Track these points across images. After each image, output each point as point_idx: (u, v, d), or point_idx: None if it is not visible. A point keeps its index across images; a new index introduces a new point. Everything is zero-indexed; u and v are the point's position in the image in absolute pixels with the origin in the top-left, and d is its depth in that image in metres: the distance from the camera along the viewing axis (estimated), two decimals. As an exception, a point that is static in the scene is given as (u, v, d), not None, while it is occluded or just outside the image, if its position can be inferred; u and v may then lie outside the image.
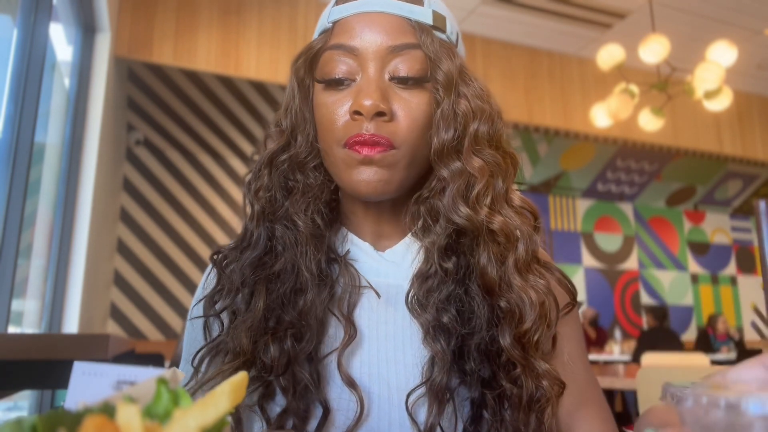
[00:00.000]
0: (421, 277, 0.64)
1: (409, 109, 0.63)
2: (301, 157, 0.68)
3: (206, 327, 0.66)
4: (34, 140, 2.07)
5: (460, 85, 0.66)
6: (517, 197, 0.67)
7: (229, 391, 0.27)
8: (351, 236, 0.69)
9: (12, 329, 2.16)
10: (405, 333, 0.64)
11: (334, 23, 0.67)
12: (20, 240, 1.99)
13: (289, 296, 0.63)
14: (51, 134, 2.69)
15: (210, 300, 0.66)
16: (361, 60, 0.64)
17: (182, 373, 0.34)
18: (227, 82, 4.48)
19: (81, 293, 2.92)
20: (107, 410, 0.26)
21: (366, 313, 0.65)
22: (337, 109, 0.64)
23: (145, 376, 0.32)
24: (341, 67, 0.64)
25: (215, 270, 0.68)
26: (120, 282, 4.75)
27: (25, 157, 2.02)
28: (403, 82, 0.63)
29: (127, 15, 3.81)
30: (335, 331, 0.63)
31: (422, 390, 0.59)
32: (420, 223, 0.67)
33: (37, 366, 1.05)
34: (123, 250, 4.81)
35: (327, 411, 0.59)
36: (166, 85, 4.55)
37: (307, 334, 0.61)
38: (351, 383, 0.59)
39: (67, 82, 2.94)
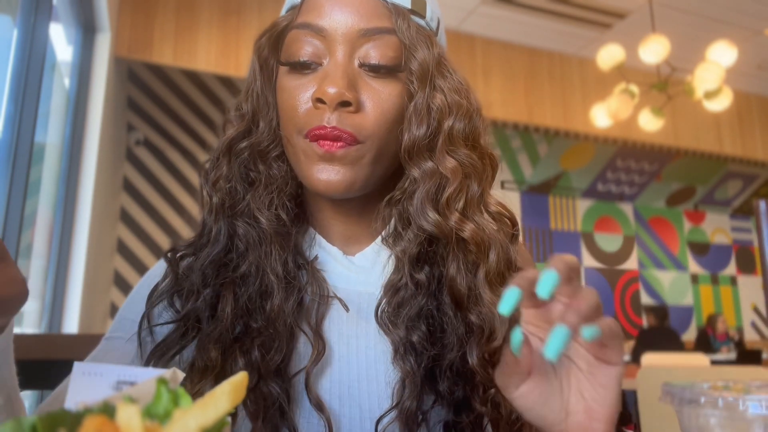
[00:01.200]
0: (391, 289, 0.59)
1: (378, 99, 0.57)
2: (263, 145, 0.61)
3: (145, 329, 0.58)
4: (34, 140, 2.07)
5: (437, 77, 0.60)
6: (493, 202, 0.61)
7: (230, 391, 0.27)
8: (319, 239, 0.64)
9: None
10: (377, 348, 0.59)
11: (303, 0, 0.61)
12: (20, 240, 1.99)
13: (255, 301, 0.57)
14: (51, 134, 2.69)
15: (170, 299, 0.59)
16: (329, 42, 0.57)
17: (182, 373, 0.34)
18: (227, 82, 4.48)
19: (81, 293, 2.92)
20: (107, 410, 0.26)
21: (335, 326, 0.60)
22: (299, 95, 0.58)
23: (145, 376, 0.32)
24: (307, 48, 0.58)
25: (168, 270, 0.60)
26: (120, 282, 4.75)
27: (25, 157, 2.02)
28: (374, 70, 0.57)
29: (127, 15, 3.81)
30: (303, 347, 0.58)
31: (393, 414, 0.55)
32: (390, 228, 0.62)
33: (37, 366, 1.04)
34: (123, 250, 4.81)
35: None
36: (166, 86, 4.55)
37: (276, 343, 0.55)
38: (319, 406, 0.55)
39: (67, 82, 2.94)
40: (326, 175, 0.56)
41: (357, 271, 0.63)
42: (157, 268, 0.66)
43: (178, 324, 0.58)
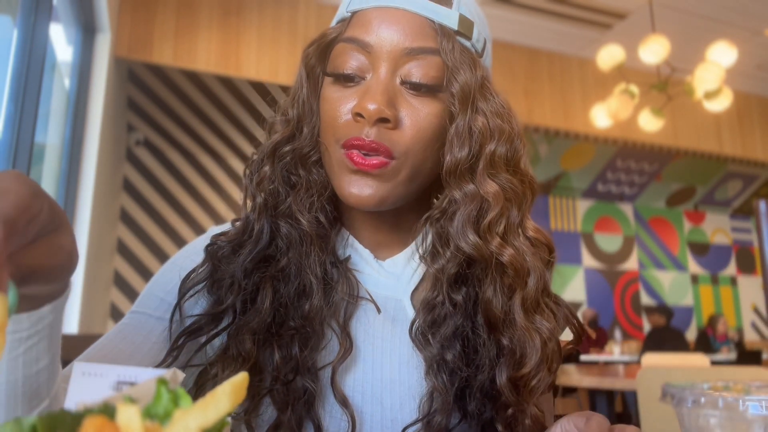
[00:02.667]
0: (427, 307, 0.60)
1: (416, 118, 0.58)
2: (305, 150, 0.63)
3: (180, 309, 0.59)
4: (34, 140, 2.07)
5: (479, 100, 0.60)
6: (531, 227, 0.62)
7: (230, 392, 0.27)
8: (352, 240, 0.66)
9: (12, 329, 2.16)
10: (402, 351, 0.61)
11: (353, 13, 0.62)
12: (20, 240, 1.99)
13: (293, 299, 0.59)
14: (51, 134, 2.69)
15: (209, 287, 0.60)
16: (373, 58, 0.59)
17: (182, 374, 0.34)
18: (227, 83, 4.48)
19: (81, 293, 2.92)
20: (107, 410, 0.26)
21: (362, 326, 0.61)
22: (340, 107, 0.59)
23: (145, 376, 0.32)
24: (352, 62, 0.59)
25: (208, 262, 0.62)
26: (120, 282, 4.75)
27: (25, 157, 2.02)
28: (416, 88, 0.58)
29: (127, 15, 3.81)
30: (331, 343, 0.60)
31: (419, 426, 0.56)
32: (429, 246, 0.63)
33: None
34: (123, 250, 4.81)
35: (319, 429, 0.56)
36: (166, 86, 4.56)
37: (312, 340, 0.58)
38: (344, 401, 0.57)
39: (67, 82, 2.94)
40: (357, 188, 0.58)
41: (386, 276, 0.64)
42: (191, 250, 0.67)
43: (212, 314, 0.59)
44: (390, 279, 0.64)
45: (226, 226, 0.68)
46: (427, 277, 0.65)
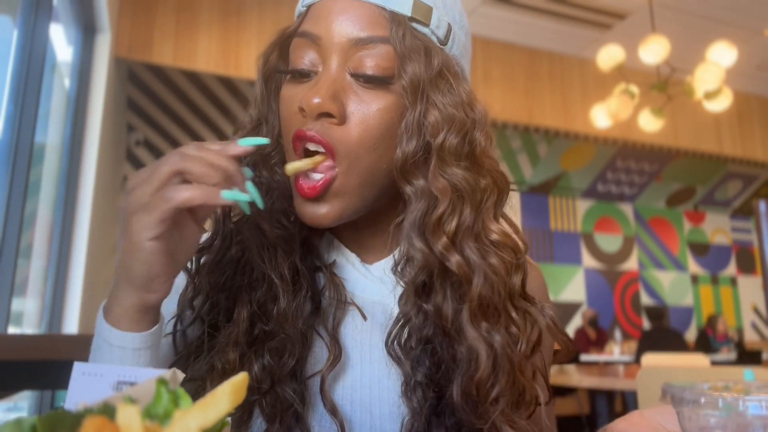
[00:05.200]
0: (402, 319, 0.57)
1: (365, 113, 0.54)
2: (266, 151, 0.60)
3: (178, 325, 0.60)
4: (34, 141, 2.07)
5: (432, 91, 0.55)
6: (496, 229, 0.55)
7: (230, 392, 0.27)
8: (337, 243, 0.63)
9: (12, 329, 2.16)
10: (390, 358, 0.59)
11: (308, 7, 0.60)
12: (20, 240, 1.99)
13: (264, 305, 0.57)
14: (51, 135, 2.69)
15: (189, 303, 0.59)
16: (323, 51, 0.56)
17: (182, 374, 0.34)
18: (227, 83, 4.48)
19: (81, 293, 2.92)
20: (107, 411, 0.26)
21: (350, 331, 0.60)
22: (292, 104, 0.56)
23: (145, 376, 0.32)
24: (305, 58, 0.57)
25: (188, 279, 0.60)
26: (120, 282, 4.75)
27: (25, 157, 2.02)
28: (366, 80, 0.55)
29: (127, 16, 3.81)
30: (319, 350, 0.58)
31: None
32: (403, 254, 0.58)
33: (37, 366, 1.04)
34: (123, 250, 4.80)
35: None
36: (166, 86, 4.55)
37: (288, 346, 0.55)
38: (334, 411, 0.55)
39: (67, 82, 2.94)
40: (310, 210, 0.55)
41: (373, 280, 0.62)
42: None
43: (201, 330, 0.59)
44: (377, 283, 0.62)
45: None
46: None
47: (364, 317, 0.60)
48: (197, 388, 0.57)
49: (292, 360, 0.55)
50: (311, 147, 0.55)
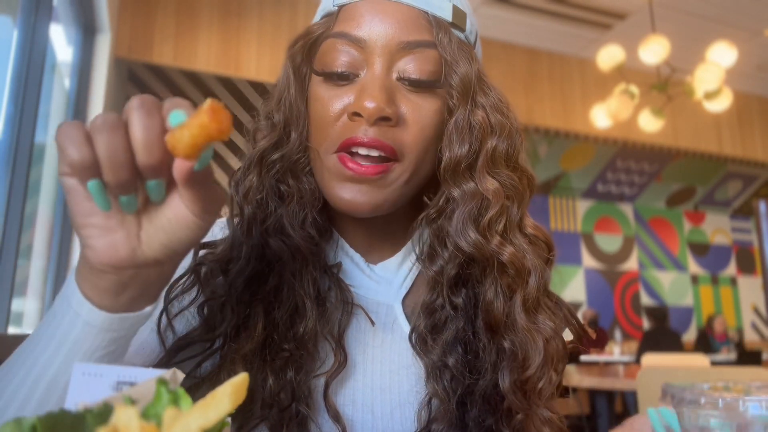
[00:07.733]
0: (427, 311, 0.57)
1: (419, 115, 0.55)
2: (294, 157, 0.59)
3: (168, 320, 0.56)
4: (34, 141, 2.07)
5: (478, 94, 0.57)
6: (530, 224, 0.59)
7: (231, 392, 0.27)
8: (342, 243, 0.62)
9: (12, 330, 2.16)
10: (392, 359, 0.59)
11: (340, 7, 0.59)
12: (20, 240, 1.99)
13: (286, 321, 0.55)
14: (51, 135, 2.69)
15: (199, 309, 0.57)
16: (367, 54, 0.55)
17: (182, 374, 0.34)
18: (227, 83, 4.48)
19: (81, 294, 2.91)
20: (107, 410, 0.26)
21: (355, 334, 0.59)
22: (333, 107, 0.55)
23: (145, 376, 0.32)
24: (343, 59, 0.55)
25: (194, 278, 0.58)
26: (120, 282, 4.75)
27: (25, 157, 2.02)
28: (413, 84, 0.55)
29: (128, 16, 3.81)
30: (324, 354, 0.57)
31: None
32: (425, 247, 0.60)
33: (37, 366, 1.04)
34: (123, 250, 4.80)
35: None
36: (167, 86, 4.55)
37: (306, 363, 0.55)
38: (337, 417, 0.54)
39: (67, 82, 2.94)
40: (351, 194, 0.54)
41: (377, 281, 0.62)
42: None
43: (204, 333, 0.56)
44: (381, 284, 0.61)
45: (215, 228, 0.64)
46: (420, 282, 0.63)
47: (372, 322, 0.59)
48: (190, 387, 0.55)
49: (309, 376, 0.55)
50: (362, 152, 0.54)
